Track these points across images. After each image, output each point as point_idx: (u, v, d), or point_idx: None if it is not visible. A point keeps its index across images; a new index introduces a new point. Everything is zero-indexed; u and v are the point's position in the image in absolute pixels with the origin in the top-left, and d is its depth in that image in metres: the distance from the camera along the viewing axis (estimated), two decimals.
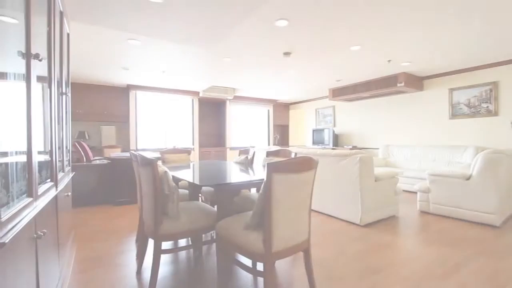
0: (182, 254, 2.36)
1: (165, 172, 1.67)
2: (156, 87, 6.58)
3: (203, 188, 2.87)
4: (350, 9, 2.69)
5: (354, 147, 6.80)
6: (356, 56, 4.18)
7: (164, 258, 2.25)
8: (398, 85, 5.16)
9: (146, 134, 6.75)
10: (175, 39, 3.44)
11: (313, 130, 7.78)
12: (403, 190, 5.07)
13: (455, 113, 5.07)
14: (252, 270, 1.56)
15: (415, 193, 4.80)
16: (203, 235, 2.80)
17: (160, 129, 6.96)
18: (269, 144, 8.84)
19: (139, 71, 5.05)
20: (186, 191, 2.70)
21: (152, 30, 3.15)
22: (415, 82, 5.38)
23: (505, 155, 3.03)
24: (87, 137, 6.18)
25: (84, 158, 4.20)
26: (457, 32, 3.28)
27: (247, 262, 2.17)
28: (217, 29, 3.11)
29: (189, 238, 2.61)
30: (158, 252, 1.67)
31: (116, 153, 5.01)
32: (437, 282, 1.86)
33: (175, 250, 1.99)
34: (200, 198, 3.49)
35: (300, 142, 8.85)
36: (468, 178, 3.16)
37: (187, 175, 2.12)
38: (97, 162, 4.18)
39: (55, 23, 1.63)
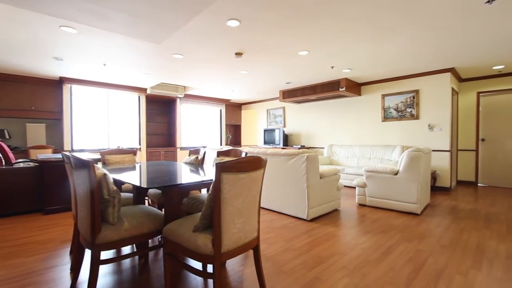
0: (126, 262, 2.19)
1: (104, 175, 1.53)
2: (97, 81, 5.98)
3: (150, 190, 2.71)
4: (296, 20, 2.84)
5: (303, 147, 7.19)
6: (304, 60, 4.43)
7: (105, 269, 2.06)
8: (340, 89, 5.62)
9: (84, 134, 6.07)
10: (119, 31, 3.17)
11: (265, 130, 7.98)
12: (344, 186, 5.56)
13: (386, 116, 5.74)
14: (202, 273, 1.53)
15: (354, 188, 5.30)
16: (150, 241, 2.66)
17: (102, 128, 6.34)
18: (221, 144, 8.78)
19: (75, 62, 4.52)
20: (131, 195, 2.51)
21: (91, 19, 2.85)
22: (355, 87, 5.94)
23: (423, 153, 3.55)
24: (7, 136, 5.29)
25: (3, 161, 3.59)
26: (387, 46, 3.72)
27: (197, 265, 2.13)
28: (166, 24, 2.97)
29: (134, 245, 2.45)
30: (96, 263, 1.52)
31: (45, 154, 4.40)
32: (372, 266, 2.09)
33: (117, 259, 1.85)
34: (147, 201, 3.29)
35: (252, 142, 9.00)
36: (396, 173, 3.62)
37: (132, 177, 1.98)
38: (21, 165, 3.62)
39: None
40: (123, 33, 3.24)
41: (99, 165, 2.98)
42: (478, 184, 5.66)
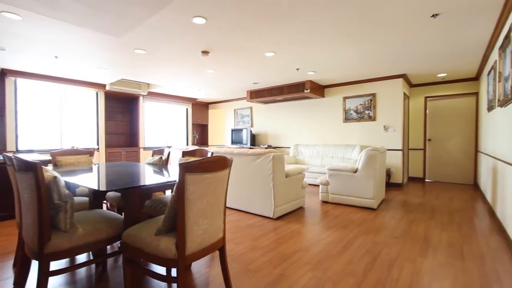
0: (81, 272, 2.03)
1: (54, 177, 1.41)
2: (48, 75, 5.43)
3: (109, 193, 2.55)
4: (262, 21, 2.88)
5: (269, 147, 7.31)
6: (271, 61, 4.50)
7: (56, 281, 1.89)
8: (305, 91, 5.82)
9: (33, 132, 5.49)
10: (73, 22, 2.92)
11: (232, 130, 7.96)
12: (309, 184, 5.77)
13: (347, 118, 6.08)
14: (165, 278, 1.48)
15: (318, 186, 5.53)
16: (109, 247, 2.50)
17: (54, 126, 5.78)
18: (187, 144, 8.56)
19: (20, 53, 4.06)
20: (87, 199, 2.34)
21: (39, 7, 2.58)
22: (319, 89, 6.20)
23: (379, 152, 3.83)
24: None
25: None
26: (348, 51, 3.94)
27: (161, 270, 2.05)
28: (126, 18, 2.81)
29: (90, 253, 2.28)
30: (44, 275, 1.39)
31: None
32: (333, 260, 2.20)
33: (70, 268, 1.70)
34: (105, 205, 3.09)
35: (220, 142, 8.92)
36: (355, 171, 3.86)
37: (88, 179, 1.84)
38: None
39: None
40: (78, 24, 2.99)
41: (49, 167, 2.72)
42: (426, 180, 6.27)
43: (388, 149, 5.55)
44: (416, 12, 2.76)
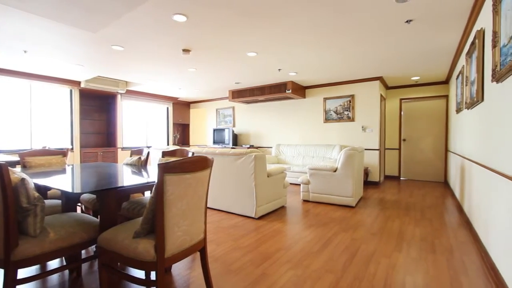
0: (53, 278, 1.93)
1: (22, 179, 1.33)
2: (16, 70, 5.09)
3: (83, 196, 2.44)
4: (244, 20, 2.88)
5: (251, 146, 7.33)
6: (253, 62, 4.51)
7: None
8: (287, 91, 5.89)
9: None
10: (44, 15, 2.76)
11: (214, 130, 7.89)
12: (290, 183, 5.85)
13: (327, 118, 6.23)
14: (144, 281, 1.44)
15: (299, 185, 5.62)
16: (84, 252, 2.39)
17: (23, 125, 5.43)
18: (168, 144, 8.37)
19: None
20: (60, 202, 2.22)
21: None
22: (300, 90, 6.30)
23: (357, 152, 3.96)
24: None
25: None
26: (328, 54, 4.04)
27: (140, 274, 2.00)
28: (102, 12, 2.69)
29: (64, 258, 2.17)
30: (11, 283, 1.31)
31: None
32: (313, 258, 2.25)
33: (41, 275, 1.61)
34: (79, 208, 2.95)
35: (202, 142, 8.81)
36: (335, 170, 3.96)
37: (60, 181, 1.75)
38: None
39: None
40: (49, 17, 2.83)
41: (18, 168, 2.56)
42: (401, 178, 6.56)
43: (366, 149, 5.75)
44: (392, 18, 2.88)
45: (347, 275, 1.96)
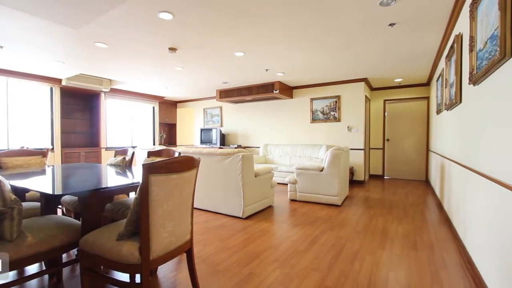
0: (32, 284, 1.85)
1: None
2: None
3: (65, 197, 2.36)
4: (231, 19, 2.87)
5: (239, 146, 7.31)
6: (240, 61, 4.50)
7: None
8: (274, 92, 5.92)
9: None
10: (24, 9, 2.64)
11: (201, 130, 7.82)
12: (278, 183, 5.87)
13: (314, 118, 6.31)
14: (129, 285, 1.41)
15: (287, 184, 5.66)
16: (65, 255, 2.31)
17: None
18: (154, 144, 8.22)
19: None
20: (39, 204, 2.14)
21: None
22: (287, 90, 6.34)
23: (343, 151, 4.03)
24: None
25: None
26: (315, 55, 4.09)
27: (124, 277, 1.95)
28: (85, 8, 2.61)
29: (43, 262, 2.09)
30: None
31: None
32: (300, 256, 2.27)
33: (19, 281, 1.54)
34: (61, 210, 2.85)
35: (189, 142, 8.71)
36: (322, 170, 4.01)
37: (39, 183, 1.68)
38: None
39: None
40: (28, 12, 2.71)
41: None
42: (384, 177, 6.74)
43: (351, 149, 5.86)
44: (376, 21, 2.96)
45: (333, 273, 1.99)
